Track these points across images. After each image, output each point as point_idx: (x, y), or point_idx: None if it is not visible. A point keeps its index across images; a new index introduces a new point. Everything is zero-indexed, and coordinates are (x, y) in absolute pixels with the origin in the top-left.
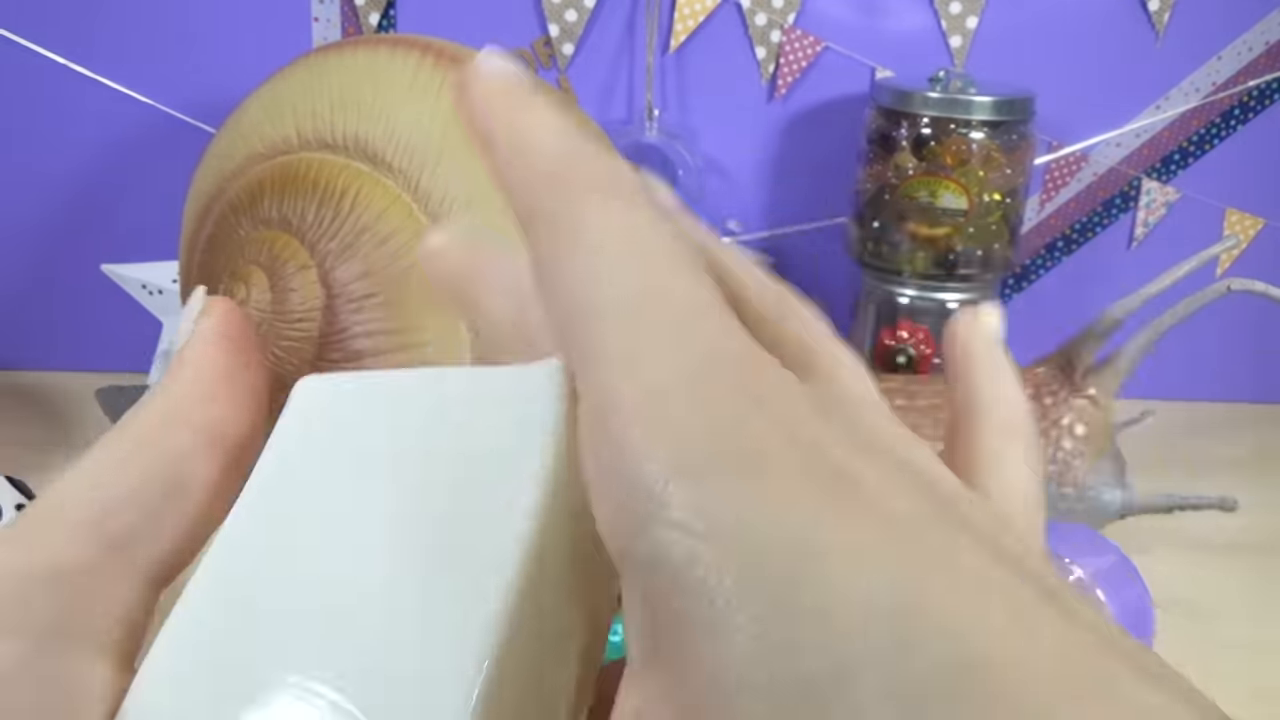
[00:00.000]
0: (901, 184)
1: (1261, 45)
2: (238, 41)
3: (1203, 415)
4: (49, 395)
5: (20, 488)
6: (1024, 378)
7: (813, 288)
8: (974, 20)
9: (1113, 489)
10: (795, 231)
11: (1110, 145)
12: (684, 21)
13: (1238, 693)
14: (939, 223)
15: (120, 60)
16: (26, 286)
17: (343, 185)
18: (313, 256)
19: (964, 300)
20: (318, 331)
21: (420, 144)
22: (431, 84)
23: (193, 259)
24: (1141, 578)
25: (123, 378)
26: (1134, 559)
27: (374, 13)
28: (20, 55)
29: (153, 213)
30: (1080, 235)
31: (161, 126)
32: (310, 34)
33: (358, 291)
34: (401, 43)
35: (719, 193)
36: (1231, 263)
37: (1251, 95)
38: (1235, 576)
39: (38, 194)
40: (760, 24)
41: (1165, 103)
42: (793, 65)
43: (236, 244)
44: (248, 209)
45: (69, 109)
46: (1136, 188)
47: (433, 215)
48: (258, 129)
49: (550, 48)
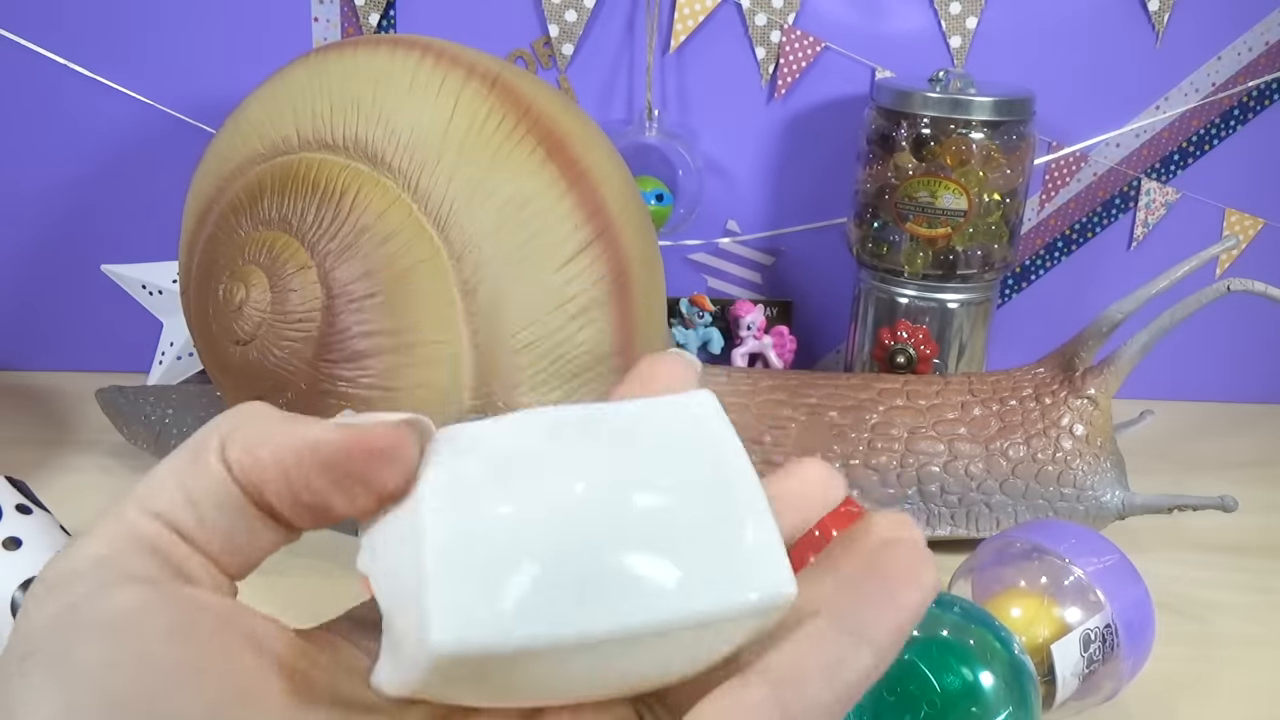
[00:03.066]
0: (901, 184)
1: (1261, 45)
2: (238, 41)
3: (1203, 415)
4: (49, 395)
5: (20, 488)
6: (1024, 378)
7: (813, 288)
8: (974, 20)
9: (1113, 489)
10: (795, 231)
11: (1110, 145)
12: (684, 21)
13: (1238, 692)
14: (939, 223)
15: (120, 60)
16: (26, 286)
17: (343, 185)
18: (313, 256)
19: (964, 300)
20: (318, 331)
21: (420, 144)
22: (431, 84)
23: (193, 259)
24: (1141, 578)
25: (123, 378)
26: (1134, 559)
27: (374, 13)
28: (20, 55)
29: (153, 213)
30: (1080, 235)
31: (161, 126)
32: (310, 34)
33: (358, 291)
34: (401, 43)
35: (719, 193)
36: (1231, 263)
37: (1251, 95)
38: (1235, 576)
39: (38, 194)
40: (760, 24)
41: (1165, 103)
42: (793, 65)
43: (236, 244)
44: (248, 209)
45: (69, 109)
46: (1136, 188)
47: (433, 215)
48: (258, 129)
49: (550, 48)
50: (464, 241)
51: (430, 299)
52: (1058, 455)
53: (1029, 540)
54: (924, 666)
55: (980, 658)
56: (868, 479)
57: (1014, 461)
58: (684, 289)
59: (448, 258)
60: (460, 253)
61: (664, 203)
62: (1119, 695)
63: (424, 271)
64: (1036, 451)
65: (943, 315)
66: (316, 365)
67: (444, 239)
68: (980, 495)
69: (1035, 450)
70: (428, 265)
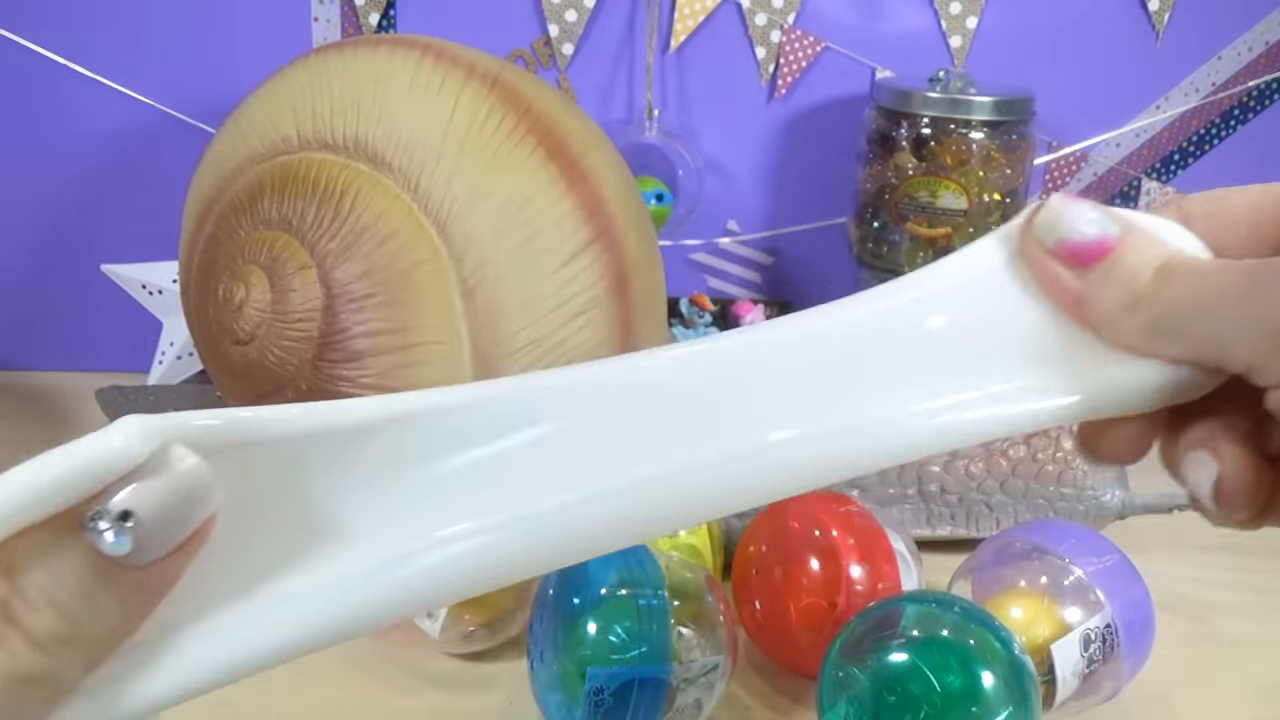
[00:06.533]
0: (901, 184)
1: (1261, 45)
2: (238, 41)
3: None
4: (49, 395)
5: None
6: None
7: (813, 288)
8: (974, 20)
9: (1113, 489)
10: (795, 231)
11: (1110, 145)
12: (684, 21)
13: (1238, 692)
14: (939, 223)
15: (120, 60)
16: (26, 286)
17: (343, 185)
18: (313, 256)
19: None
20: (318, 331)
21: (420, 144)
22: (431, 84)
23: (193, 259)
24: (1141, 578)
25: (123, 378)
26: (1134, 559)
27: (374, 13)
28: (20, 55)
29: (153, 213)
30: None
31: (161, 126)
32: (310, 34)
33: (358, 291)
34: (401, 43)
35: (719, 193)
36: None
37: (1251, 95)
38: (1235, 576)
39: (38, 194)
40: (760, 24)
41: (1165, 103)
42: (793, 65)
43: (236, 244)
44: (248, 209)
45: (69, 109)
46: (1136, 188)
47: (433, 215)
48: (258, 129)
49: (550, 48)
50: (464, 241)
51: (430, 299)
52: (1058, 455)
53: (1029, 540)
54: (924, 666)
55: (980, 658)
56: (868, 478)
57: (1014, 461)
58: (684, 289)
59: (448, 258)
60: (460, 253)
61: (664, 203)
62: (1119, 695)
63: (424, 271)
64: (1037, 451)
65: None
66: (316, 365)
67: (444, 239)
68: (980, 495)
69: (1035, 450)
70: (428, 265)
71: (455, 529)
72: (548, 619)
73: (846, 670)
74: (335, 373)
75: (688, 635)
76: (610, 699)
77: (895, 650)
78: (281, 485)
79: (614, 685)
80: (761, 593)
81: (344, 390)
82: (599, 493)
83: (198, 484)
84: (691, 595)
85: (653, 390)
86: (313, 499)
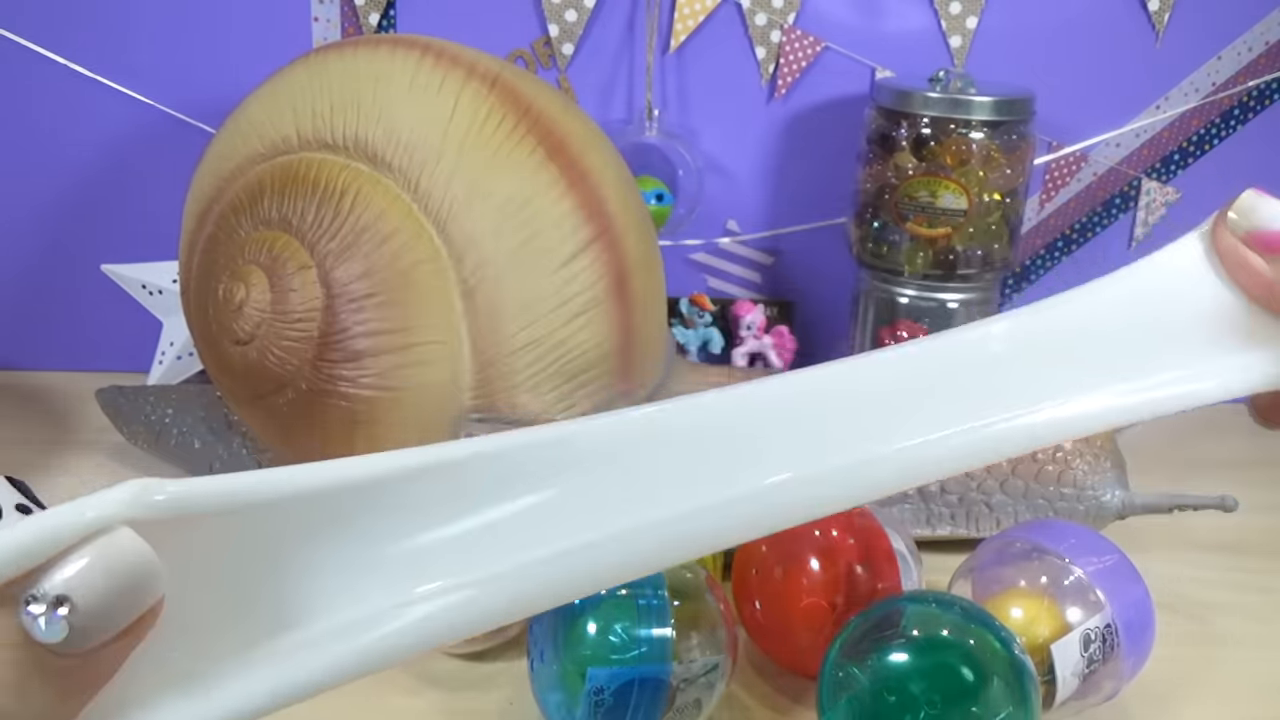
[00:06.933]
0: (901, 184)
1: (1261, 45)
2: (238, 41)
3: (1203, 415)
4: (49, 395)
5: (20, 488)
6: None
7: (813, 288)
8: (974, 20)
9: (1113, 489)
10: (795, 231)
11: (1110, 145)
12: (684, 21)
13: (1238, 692)
14: (939, 223)
15: (120, 60)
16: (26, 286)
17: (343, 185)
18: (313, 256)
19: (964, 300)
20: (318, 331)
21: (420, 144)
22: (431, 84)
23: (193, 259)
24: (1141, 578)
25: (123, 378)
26: (1134, 559)
27: (374, 13)
28: (20, 55)
29: (153, 213)
30: (1080, 235)
31: (161, 126)
32: (310, 34)
33: (358, 291)
34: (401, 43)
35: (719, 193)
36: None
37: (1251, 95)
38: (1235, 576)
39: (37, 194)
40: (760, 24)
41: (1165, 103)
42: (793, 65)
43: (236, 244)
44: (248, 209)
45: (69, 109)
46: (1136, 188)
47: (433, 215)
48: (258, 129)
49: (550, 48)
50: (464, 241)
51: (430, 299)
52: (1058, 455)
53: (1029, 540)
54: (924, 667)
55: (980, 658)
56: None
57: (1014, 461)
58: (684, 289)
59: (448, 257)
60: (460, 252)
61: (664, 203)
62: (1119, 695)
63: (424, 271)
64: (1037, 451)
65: (943, 315)
66: (316, 365)
67: (444, 239)
68: (980, 495)
69: (1035, 450)
70: (428, 265)
71: (429, 588)
72: (548, 619)
73: (846, 670)
74: (335, 372)
75: (688, 635)
76: (610, 699)
77: (895, 650)
78: (243, 551)
79: (614, 685)
80: (761, 593)
81: (344, 390)
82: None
83: (142, 569)
84: (691, 595)
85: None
86: (280, 563)
